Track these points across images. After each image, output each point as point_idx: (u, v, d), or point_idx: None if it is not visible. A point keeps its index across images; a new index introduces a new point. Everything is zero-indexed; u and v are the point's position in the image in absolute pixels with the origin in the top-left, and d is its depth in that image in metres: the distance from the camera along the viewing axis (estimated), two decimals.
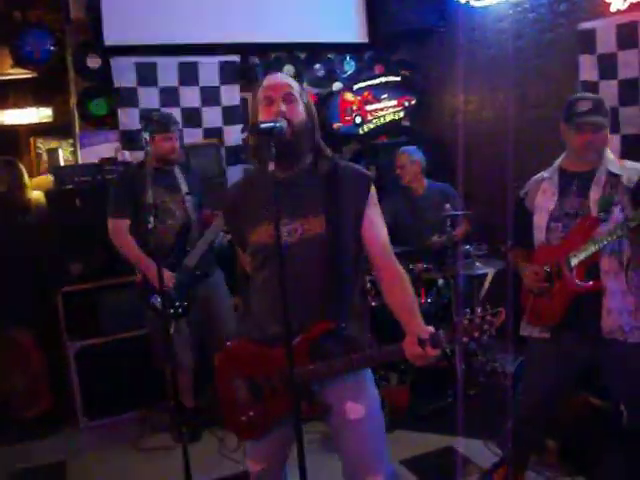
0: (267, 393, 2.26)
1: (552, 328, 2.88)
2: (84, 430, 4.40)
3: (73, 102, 5.10)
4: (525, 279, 2.95)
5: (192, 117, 5.24)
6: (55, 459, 4.04)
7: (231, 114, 5.37)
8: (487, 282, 4.59)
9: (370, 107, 5.91)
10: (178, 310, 3.93)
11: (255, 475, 2.39)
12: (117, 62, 5.01)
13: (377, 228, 2.27)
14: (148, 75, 5.11)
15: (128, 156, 4.98)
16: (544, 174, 2.98)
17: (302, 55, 5.80)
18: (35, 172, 6.29)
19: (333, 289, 2.19)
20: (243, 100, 5.34)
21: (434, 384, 4.40)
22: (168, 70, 5.18)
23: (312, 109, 2.27)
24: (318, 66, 5.85)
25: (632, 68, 4.04)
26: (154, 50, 5.12)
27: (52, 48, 4.92)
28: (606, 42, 4.17)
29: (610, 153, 2.82)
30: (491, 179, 5.13)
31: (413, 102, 6.05)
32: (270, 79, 2.26)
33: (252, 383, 2.30)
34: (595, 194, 2.74)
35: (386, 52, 6.16)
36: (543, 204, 2.89)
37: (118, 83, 5.01)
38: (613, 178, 2.71)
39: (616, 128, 4.13)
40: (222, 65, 5.35)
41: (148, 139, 3.75)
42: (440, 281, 4.57)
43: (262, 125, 1.99)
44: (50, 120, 6.56)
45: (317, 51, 5.84)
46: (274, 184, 1.92)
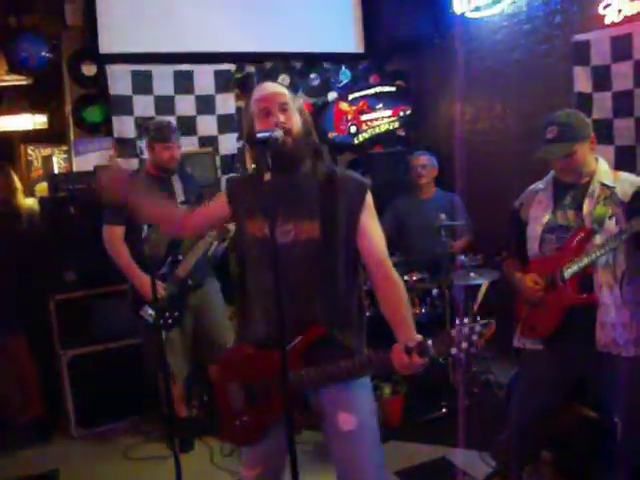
0: (261, 397, 2.26)
1: (546, 340, 2.88)
2: (77, 439, 4.38)
3: (68, 109, 5.09)
4: (523, 289, 2.94)
5: (187, 125, 5.23)
6: (47, 468, 4.01)
7: (226, 122, 5.37)
8: (481, 293, 4.59)
9: (365, 117, 5.92)
10: (168, 321, 3.91)
11: None
12: (112, 70, 5.00)
13: (373, 236, 2.27)
14: (143, 83, 5.10)
15: (123, 164, 4.97)
16: (539, 185, 2.99)
17: (297, 64, 5.81)
18: (26, 179, 6.27)
19: (324, 293, 2.19)
20: (238, 109, 5.34)
21: (428, 395, 4.39)
22: (163, 78, 5.18)
23: (305, 113, 2.29)
24: (313, 76, 5.86)
25: (626, 80, 4.06)
26: (150, 58, 5.12)
27: (47, 55, 4.91)
28: (600, 54, 4.19)
29: (604, 164, 2.83)
30: (486, 190, 5.14)
31: (408, 112, 6.06)
32: (262, 90, 2.27)
33: (247, 387, 2.30)
34: (589, 206, 2.74)
35: (381, 62, 6.17)
36: (537, 215, 2.90)
37: (113, 91, 5.00)
38: (607, 190, 2.72)
39: (610, 139, 4.15)
40: (217, 74, 5.35)
41: (144, 147, 3.74)
42: (434, 291, 4.58)
43: (258, 135, 2.01)
44: (45, 127, 6.56)
45: (312, 61, 5.85)
46: (271, 194, 1.93)
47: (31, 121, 6.56)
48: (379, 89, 5.97)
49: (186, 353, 4.12)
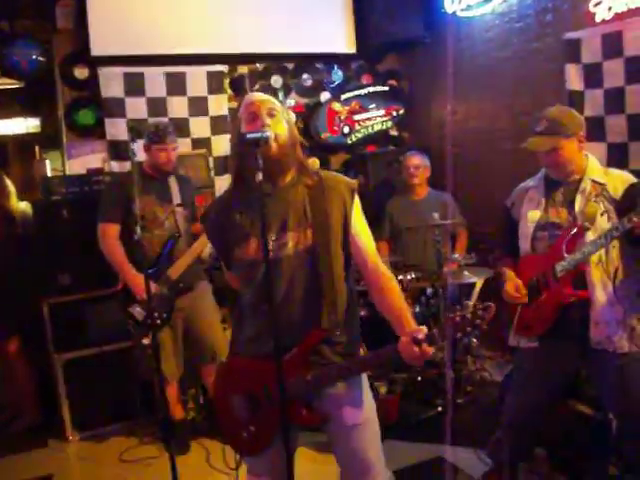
0: (265, 407, 2.26)
1: (540, 338, 2.89)
2: (72, 442, 4.37)
3: (60, 112, 5.08)
4: (504, 293, 2.95)
5: (180, 127, 5.20)
6: (43, 472, 3.99)
7: (219, 124, 5.36)
8: (476, 291, 4.59)
9: (358, 117, 5.93)
10: (156, 321, 3.90)
11: None
12: (104, 72, 4.99)
13: (363, 235, 2.29)
14: (136, 85, 5.09)
15: (115, 166, 4.98)
16: (530, 183, 2.99)
17: (290, 65, 5.81)
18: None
19: (325, 299, 2.19)
20: (231, 110, 5.34)
21: (423, 394, 4.40)
22: (156, 80, 5.17)
23: (293, 126, 2.29)
24: (306, 76, 5.86)
25: (617, 77, 4.07)
26: (142, 60, 5.11)
27: (39, 58, 4.90)
28: (591, 52, 4.20)
29: (595, 161, 2.83)
30: (479, 188, 5.15)
31: (401, 112, 6.08)
32: (252, 97, 2.27)
33: (250, 398, 2.30)
34: (580, 203, 2.75)
35: (373, 62, 6.18)
36: (529, 213, 2.91)
37: (105, 93, 4.99)
38: (598, 187, 2.73)
39: (602, 137, 4.16)
40: (210, 75, 5.35)
41: (137, 149, 3.72)
42: (429, 290, 4.58)
43: (249, 135, 2.01)
44: (38, 130, 6.54)
45: (305, 61, 5.85)
46: (262, 195, 1.93)
47: (24, 125, 6.55)
48: (371, 89, 5.99)
49: (178, 355, 4.11)
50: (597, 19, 4.16)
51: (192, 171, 4.99)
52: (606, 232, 2.61)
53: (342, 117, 5.86)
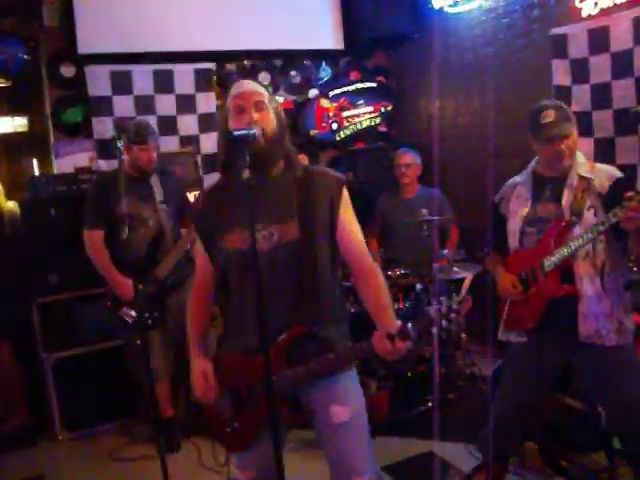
0: (249, 403, 2.26)
1: (529, 332, 2.90)
2: (62, 442, 4.35)
3: (48, 111, 5.06)
4: (501, 289, 2.97)
5: (168, 125, 5.22)
6: (33, 473, 3.98)
7: (207, 122, 5.35)
8: (465, 287, 4.61)
9: (346, 113, 5.93)
10: (147, 321, 3.91)
11: None
12: (91, 70, 4.97)
13: (351, 229, 2.28)
14: (123, 83, 5.07)
15: (103, 165, 4.96)
16: (518, 179, 3.00)
17: (278, 62, 5.80)
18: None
19: (310, 293, 2.19)
20: (219, 107, 5.33)
21: (414, 389, 4.41)
22: (143, 78, 5.15)
23: (281, 114, 2.27)
24: (294, 73, 5.85)
25: (604, 72, 4.09)
26: (129, 58, 5.09)
27: (25, 57, 4.87)
28: (578, 47, 4.22)
29: (582, 156, 2.84)
30: (468, 184, 5.16)
31: (389, 108, 6.08)
32: (239, 87, 2.24)
33: (234, 394, 2.30)
34: (567, 198, 2.76)
35: (361, 58, 6.18)
36: (517, 209, 2.92)
37: (92, 92, 4.98)
38: (585, 182, 2.74)
39: (589, 132, 4.18)
40: (197, 73, 5.33)
41: (123, 148, 3.72)
42: (418, 286, 4.59)
43: (236, 133, 1.99)
44: (26, 130, 6.49)
45: (293, 58, 5.84)
46: (248, 192, 1.92)
47: (11, 124, 6.50)
48: (360, 85, 5.99)
49: (168, 353, 4.10)
50: (583, 14, 4.18)
51: (180, 169, 4.97)
52: (593, 227, 2.62)
53: (330, 114, 5.86)
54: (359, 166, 5.70)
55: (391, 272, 4.49)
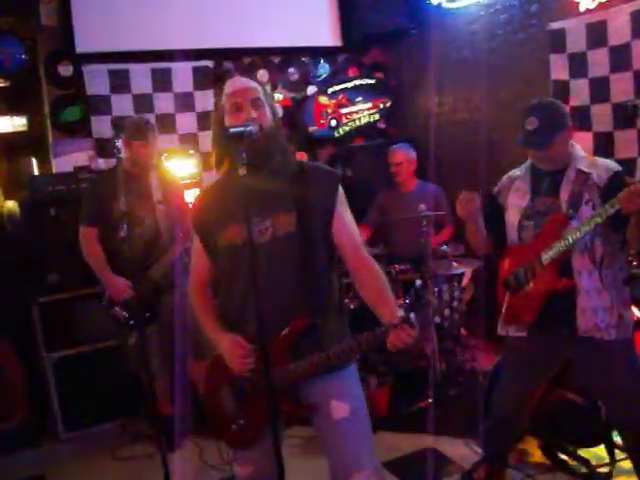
0: (252, 397, 2.26)
1: (528, 327, 2.90)
2: (64, 441, 4.35)
3: (46, 110, 5.05)
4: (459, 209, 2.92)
5: (167, 123, 5.22)
6: (34, 472, 3.98)
7: (206, 119, 5.33)
8: (467, 276, 4.60)
9: (345, 110, 5.93)
10: (140, 322, 3.89)
11: (243, 478, 2.39)
12: (89, 69, 4.98)
13: (347, 224, 2.29)
14: (121, 82, 5.08)
15: (102, 164, 4.95)
16: (517, 172, 3.00)
17: (276, 59, 5.80)
18: None
19: (307, 286, 2.20)
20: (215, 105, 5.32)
21: (414, 385, 4.41)
22: (141, 76, 5.16)
23: (276, 110, 2.29)
24: (292, 70, 5.85)
25: (602, 66, 4.09)
26: (127, 57, 5.10)
27: (23, 56, 4.87)
28: (576, 41, 4.22)
29: (580, 150, 2.84)
30: (466, 179, 5.14)
31: (388, 104, 6.08)
32: (235, 84, 2.26)
33: (236, 388, 2.30)
34: (565, 192, 2.75)
35: (359, 55, 6.18)
36: (515, 202, 2.92)
37: (91, 90, 4.98)
38: (583, 176, 2.73)
39: (588, 126, 4.18)
40: (196, 70, 5.34)
41: (120, 144, 3.71)
42: (418, 282, 4.57)
43: (232, 130, 2.00)
44: (25, 129, 6.49)
45: (291, 55, 5.84)
46: (245, 189, 1.92)
47: (10, 124, 6.50)
48: (358, 82, 5.99)
49: (166, 351, 4.08)
50: (581, 8, 4.18)
51: (179, 167, 4.97)
52: (590, 219, 2.62)
53: (329, 110, 5.86)
54: (358, 163, 5.70)
55: (391, 268, 4.49)
